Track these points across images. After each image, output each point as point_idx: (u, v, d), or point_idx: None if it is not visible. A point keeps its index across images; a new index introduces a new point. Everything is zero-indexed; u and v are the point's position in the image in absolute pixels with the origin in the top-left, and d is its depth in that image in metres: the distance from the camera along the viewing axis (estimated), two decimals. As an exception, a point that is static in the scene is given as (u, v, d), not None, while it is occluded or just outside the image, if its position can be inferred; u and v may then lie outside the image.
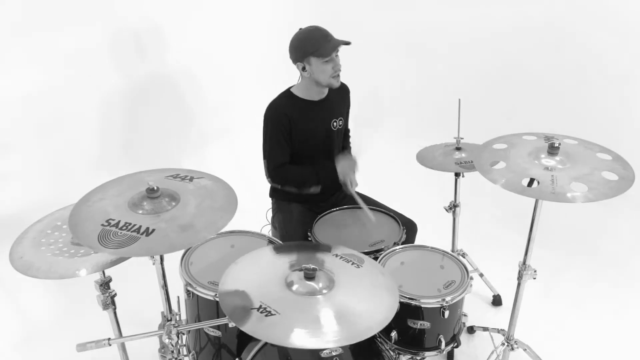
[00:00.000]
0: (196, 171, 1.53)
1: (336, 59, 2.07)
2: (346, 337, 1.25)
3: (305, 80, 2.13)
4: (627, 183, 1.51)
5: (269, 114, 2.12)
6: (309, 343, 1.23)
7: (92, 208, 1.33)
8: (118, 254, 1.23)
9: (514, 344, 1.98)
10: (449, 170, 2.24)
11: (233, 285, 1.44)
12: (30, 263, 1.41)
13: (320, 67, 2.04)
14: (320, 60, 2.02)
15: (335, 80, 2.10)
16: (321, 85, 2.10)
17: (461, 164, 2.24)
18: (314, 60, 2.03)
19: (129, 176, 1.49)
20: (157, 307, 1.48)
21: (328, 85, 2.10)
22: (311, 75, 2.07)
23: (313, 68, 2.05)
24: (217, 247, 1.98)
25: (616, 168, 1.57)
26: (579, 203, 1.45)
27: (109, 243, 1.20)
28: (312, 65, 2.04)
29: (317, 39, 2.02)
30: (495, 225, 3.21)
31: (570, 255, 2.92)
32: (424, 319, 1.78)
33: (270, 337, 1.25)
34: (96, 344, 1.43)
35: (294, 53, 2.07)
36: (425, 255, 2.00)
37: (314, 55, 2.02)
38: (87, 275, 1.43)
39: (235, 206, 1.36)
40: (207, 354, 1.88)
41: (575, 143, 1.71)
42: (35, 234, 1.53)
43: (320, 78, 2.07)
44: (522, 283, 1.84)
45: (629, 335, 2.38)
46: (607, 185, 1.49)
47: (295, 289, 1.40)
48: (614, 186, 1.49)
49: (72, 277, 1.40)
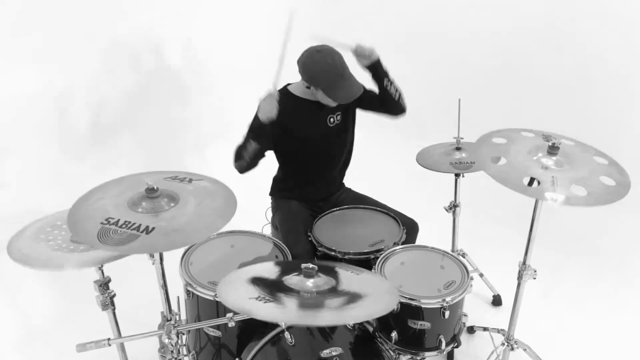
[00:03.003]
0: (195, 174, 1.53)
1: None
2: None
3: (304, 87, 2.10)
4: (624, 189, 1.50)
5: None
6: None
7: (92, 207, 1.33)
8: (118, 252, 1.23)
9: (514, 344, 1.98)
10: (449, 171, 2.24)
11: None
12: (28, 255, 1.41)
13: (325, 98, 2.03)
14: (325, 96, 2.01)
15: (335, 103, 2.08)
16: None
17: (458, 164, 2.24)
18: (321, 92, 2.01)
19: (128, 177, 1.49)
20: (156, 307, 1.48)
21: (327, 104, 2.09)
22: (313, 94, 2.06)
23: (318, 94, 2.03)
24: (217, 247, 1.98)
25: (612, 173, 1.57)
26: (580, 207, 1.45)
27: (109, 240, 1.20)
28: (317, 92, 2.02)
29: (334, 80, 1.97)
30: (495, 225, 3.21)
31: (571, 255, 2.92)
32: (424, 319, 1.77)
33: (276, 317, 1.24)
34: (96, 344, 1.43)
35: (304, 74, 2.03)
36: (425, 255, 2.00)
37: (323, 91, 1.99)
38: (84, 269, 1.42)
39: (234, 207, 1.36)
40: (207, 354, 1.88)
41: (572, 144, 1.70)
42: (35, 230, 1.53)
43: (321, 101, 2.07)
44: (522, 283, 1.84)
45: (628, 335, 2.38)
46: (606, 190, 1.49)
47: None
48: (612, 191, 1.48)
49: (69, 269, 1.40)
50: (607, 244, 3.00)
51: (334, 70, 1.96)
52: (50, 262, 1.39)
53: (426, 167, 2.24)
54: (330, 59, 1.96)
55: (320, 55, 1.96)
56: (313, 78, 1.99)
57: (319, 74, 1.97)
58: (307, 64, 1.99)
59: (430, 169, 2.24)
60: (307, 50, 2.00)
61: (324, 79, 1.96)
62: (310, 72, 1.99)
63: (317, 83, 1.99)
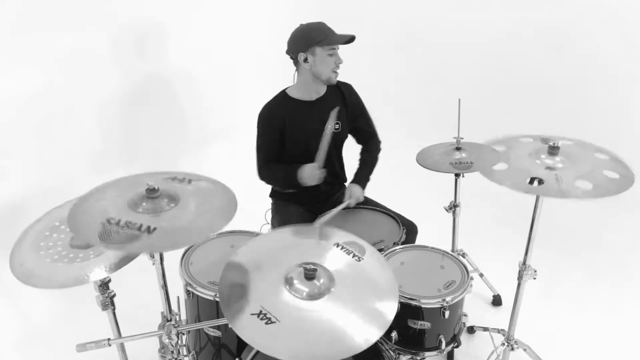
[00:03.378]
0: (194, 174, 1.53)
1: (338, 54, 2.07)
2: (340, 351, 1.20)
3: (303, 77, 2.12)
4: (628, 181, 1.52)
5: (263, 114, 2.15)
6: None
7: (92, 208, 1.33)
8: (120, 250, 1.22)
9: (514, 344, 1.98)
10: (449, 171, 2.24)
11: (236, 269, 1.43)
12: (31, 271, 1.41)
13: (324, 59, 2.04)
14: (326, 50, 2.02)
15: (335, 75, 2.10)
16: (320, 80, 2.09)
17: (458, 164, 2.24)
18: (319, 51, 2.03)
19: (127, 178, 1.49)
20: (157, 307, 1.48)
21: (327, 80, 2.10)
22: (312, 68, 2.06)
23: (316, 59, 2.04)
24: (216, 247, 1.98)
25: (615, 167, 1.58)
26: (586, 200, 1.46)
27: (111, 241, 1.20)
28: (315, 56, 2.04)
29: (325, 30, 2.04)
30: (495, 225, 3.21)
31: (571, 255, 2.92)
32: (424, 319, 1.77)
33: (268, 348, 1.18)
34: (96, 344, 1.43)
35: (297, 43, 2.06)
36: (425, 255, 2.00)
37: (319, 45, 2.02)
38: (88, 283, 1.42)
39: (234, 206, 1.36)
40: (207, 354, 1.88)
41: (571, 144, 1.71)
42: (34, 235, 1.53)
43: (321, 70, 2.06)
44: (522, 283, 1.84)
45: (628, 335, 2.38)
46: (610, 182, 1.50)
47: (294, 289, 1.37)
48: (618, 183, 1.50)
49: (72, 286, 1.40)
50: (607, 244, 3.00)
51: (322, 25, 2.06)
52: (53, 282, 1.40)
53: (426, 167, 2.24)
54: (316, 22, 2.06)
55: (306, 23, 2.07)
56: (306, 39, 2.04)
57: (310, 32, 2.04)
58: (296, 35, 2.07)
59: (430, 169, 2.24)
60: (293, 31, 2.09)
61: (316, 32, 2.03)
62: (301, 36, 2.05)
63: (311, 41, 2.02)
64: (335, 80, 2.13)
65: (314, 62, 2.05)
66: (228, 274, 1.39)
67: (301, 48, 2.05)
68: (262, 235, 1.65)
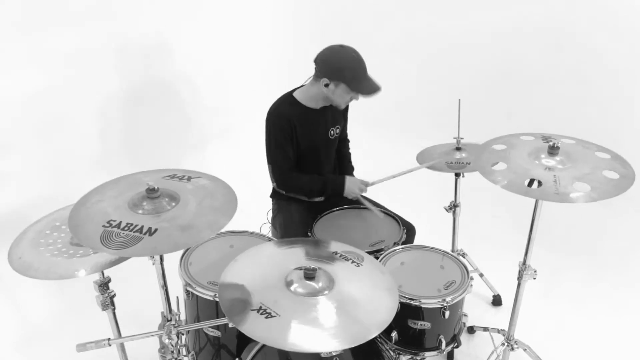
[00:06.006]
0: (193, 171, 1.52)
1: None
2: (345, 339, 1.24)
3: (315, 89, 2.05)
4: (628, 181, 1.51)
5: (272, 119, 2.08)
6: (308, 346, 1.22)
7: (92, 210, 1.32)
8: (122, 255, 1.22)
9: (514, 344, 1.98)
10: (449, 171, 2.24)
11: (233, 281, 1.44)
12: (29, 264, 1.41)
13: (344, 96, 2.02)
14: (348, 90, 1.98)
15: (345, 105, 2.12)
16: (329, 102, 2.10)
17: (459, 164, 2.24)
18: (343, 87, 1.98)
19: (126, 177, 1.49)
20: (156, 307, 1.48)
21: (337, 106, 2.10)
22: (329, 93, 2.03)
23: (337, 91, 2.00)
24: (216, 247, 1.98)
25: (616, 166, 1.57)
26: (582, 203, 1.45)
27: (112, 244, 1.20)
28: (337, 88, 1.99)
29: (358, 74, 1.97)
30: (495, 225, 3.21)
31: (571, 255, 2.92)
32: (424, 319, 1.77)
33: (268, 339, 1.23)
34: (96, 344, 1.43)
35: (327, 67, 1.98)
36: (425, 255, 2.00)
37: (347, 84, 1.97)
38: (86, 276, 1.43)
39: (235, 204, 1.36)
40: (207, 354, 1.88)
41: (572, 143, 1.71)
42: (34, 234, 1.53)
43: (335, 101, 2.06)
44: (522, 283, 1.84)
45: (628, 335, 2.38)
46: (609, 184, 1.49)
47: (294, 288, 1.39)
48: (616, 184, 1.49)
49: (71, 278, 1.40)
50: (607, 244, 3.00)
51: (358, 64, 1.97)
52: (51, 273, 1.39)
53: (426, 167, 2.24)
54: (355, 54, 1.98)
55: (344, 50, 1.98)
56: (338, 71, 1.96)
57: (345, 67, 1.96)
58: (331, 59, 1.98)
59: (430, 169, 2.24)
60: (328, 48, 1.99)
61: (350, 71, 1.96)
62: (335, 65, 1.97)
63: (341, 77, 1.96)
64: (344, 107, 2.13)
65: (333, 92, 2.01)
66: (225, 292, 1.40)
67: (328, 75, 1.97)
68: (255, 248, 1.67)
